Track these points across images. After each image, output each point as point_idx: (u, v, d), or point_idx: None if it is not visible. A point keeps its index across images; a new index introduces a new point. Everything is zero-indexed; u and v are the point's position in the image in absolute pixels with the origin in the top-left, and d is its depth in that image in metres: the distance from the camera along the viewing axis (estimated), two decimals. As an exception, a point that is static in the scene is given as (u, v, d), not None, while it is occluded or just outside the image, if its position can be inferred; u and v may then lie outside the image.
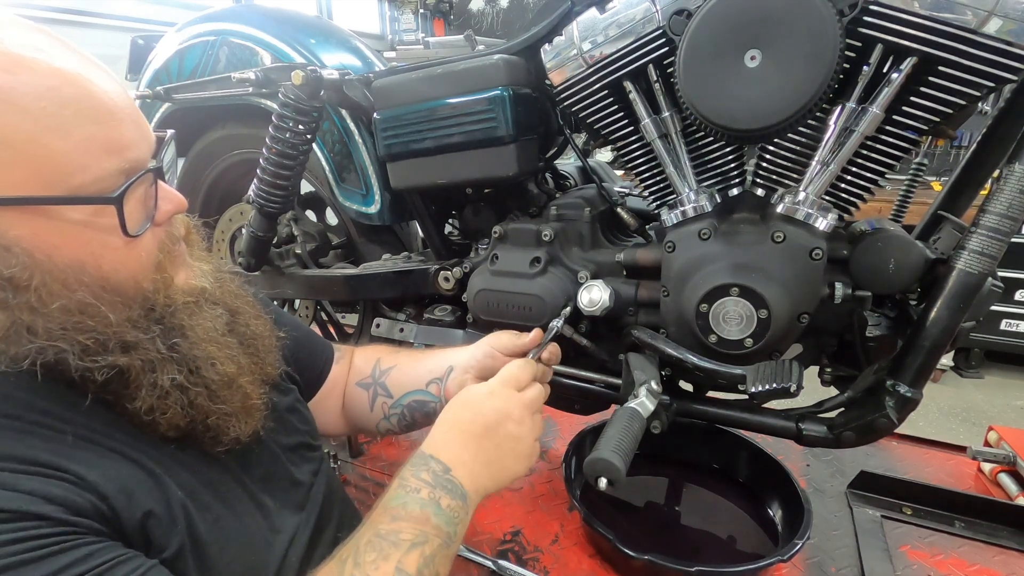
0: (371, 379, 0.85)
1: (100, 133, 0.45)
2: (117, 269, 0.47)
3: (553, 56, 0.83)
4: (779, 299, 0.73)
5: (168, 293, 0.51)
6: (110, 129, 0.45)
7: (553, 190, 1.07)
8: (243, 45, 1.11)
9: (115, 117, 0.46)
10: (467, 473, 0.58)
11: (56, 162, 0.43)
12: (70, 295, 0.44)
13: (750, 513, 0.97)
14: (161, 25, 1.77)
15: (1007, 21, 0.59)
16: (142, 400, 0.47)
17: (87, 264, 0.45)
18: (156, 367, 0.48)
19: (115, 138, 0.46)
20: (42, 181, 0.42)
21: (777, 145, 0.76)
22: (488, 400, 0.63)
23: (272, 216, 1.06)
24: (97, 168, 0.44)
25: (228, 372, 0.54)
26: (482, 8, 4.64)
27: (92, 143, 0.44)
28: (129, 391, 0.47)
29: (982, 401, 2.87)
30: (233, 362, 0.55)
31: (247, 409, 0.55)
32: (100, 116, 0.45)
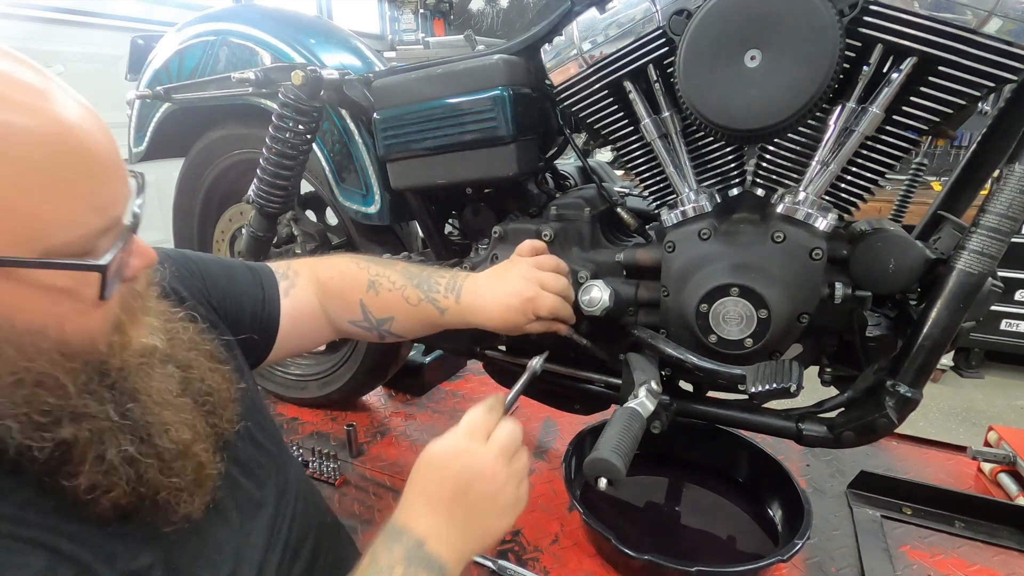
0: (371, 325, 0.80)
1: (88, 190, 0.39)
2: (78, 331, 0.42)
3: (553, 56, 0.83)
4: (779, 299, 0.73)
5: (123, 356, 0.46)
6: (98, 187, 0.40)
7: (553, 190, 1.07)
8: (243, 45, 1.11)
9: (106, 172, 0.41)
10: (444, 544, 0.53)
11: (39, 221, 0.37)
12: (28, 364, 0.39)
13: (750, 513, 0.97)
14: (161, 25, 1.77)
15: (1007, 21, 0.59)
16: (84, 477, 0.40)
17: (49, 328, 0.40)
18: (105, 438, 0.42)
19: (103, 194, 0.41)
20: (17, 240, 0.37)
21: (777, 145, 0.76)
22: (454, 460, 0.55)
23: (272, 216, 1.06)
24: (81, 227, 0.39)
25: (183, 439, 0.48)
26: (482, 8, 4.64)
27: (79, 201, 0.39)
28: (69, 467, 0.40)
29: (982, 401, 2.87)
30: (188, 427, 0.49)
31: (200, 480, 0.50)
32: (94, 173, 0.40)
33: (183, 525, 0.48)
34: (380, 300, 0.80)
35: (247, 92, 1.04)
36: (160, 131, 1.26)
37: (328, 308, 0.81)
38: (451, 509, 0.54)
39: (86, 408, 0.42)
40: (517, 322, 0.76)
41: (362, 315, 0.81)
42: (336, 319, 0.81)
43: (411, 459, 1.15)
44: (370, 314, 0.81)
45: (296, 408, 1.41)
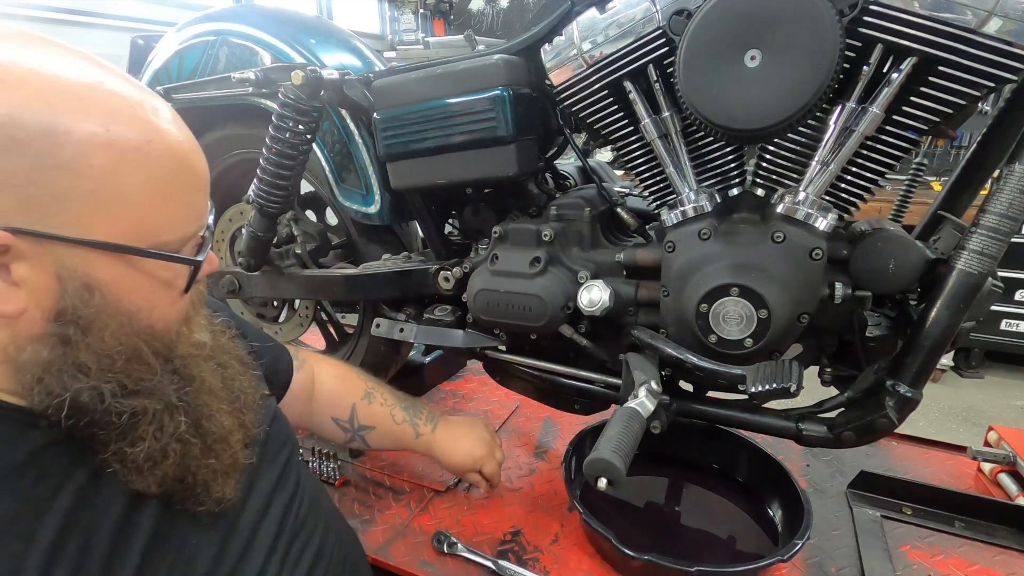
0: (350, 427, 0.94)
1: (194, 203, 0.50)
2: (162, 319, 0.50)
3: (553, 56, 0.83)
4: (779, 299, 0.73)
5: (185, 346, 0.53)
6: (197, 200, 0.51)
7: (553, 190, 1.07)
8: (243, 45, 1.11)
9: (203, 188, 0.52)
10: None
11: (157, 220, 0.47)
12: (126, 340, 0.46)
13: (750, 513, 0.97)
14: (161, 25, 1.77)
15: (1007, 21, 0.59)
16: (145, 446, 0.47)
17: (142, 312, 0.48)
18: (166, 415, 0.49)
19: (198, 207, 0.51)
20: (139, 234, 0.46)
21: (777, 145, 0.76)
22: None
23: (272, 216, 1.06)
24: (181, 231, 0.49)
25: (224, 426, 0.55)
26: (482, 8, 4.64)
27: (185, 210, 0.49)
28: (134, 435, 0.47)
29: (982, 401, 2.87)
30: (228, 416, 0.56)
31: (234, 466, 0.55)
32: (197, 188, 0.50)
33: (213, 508, 0.53)
34: (370, 409, 0.95)
35: (247, 92, 1.04)
36: (160, 131, 1.26)
37: (317, 399, 0.93)
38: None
39: (159, 385, 0.49)
40: (467, 468, 0.97)
41: (348, 416, 0.94)
42: (318, 412, 0.93)
43: (411, 459, 1.15)
44: (356, 418, 0.94)
45: (296, 408, 1.40)
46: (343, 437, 0.96)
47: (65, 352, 0.44)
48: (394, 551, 0.93)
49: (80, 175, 0.42)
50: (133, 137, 0.44)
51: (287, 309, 1.35)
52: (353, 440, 0.96)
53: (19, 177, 0.40)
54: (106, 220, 0.44)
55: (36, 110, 0.40)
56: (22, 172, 0.40)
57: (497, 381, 1.11)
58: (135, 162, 0.44)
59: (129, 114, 0.45)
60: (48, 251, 0.42)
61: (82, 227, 0.43)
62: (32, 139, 0.40)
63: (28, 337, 0.43)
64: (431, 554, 0.92)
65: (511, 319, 0.91)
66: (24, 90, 0.40)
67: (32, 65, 0.41)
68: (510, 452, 1.19)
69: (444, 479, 1.09)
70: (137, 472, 0.47)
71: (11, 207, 0.40)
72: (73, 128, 0.41)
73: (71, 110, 0.41)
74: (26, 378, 0.44)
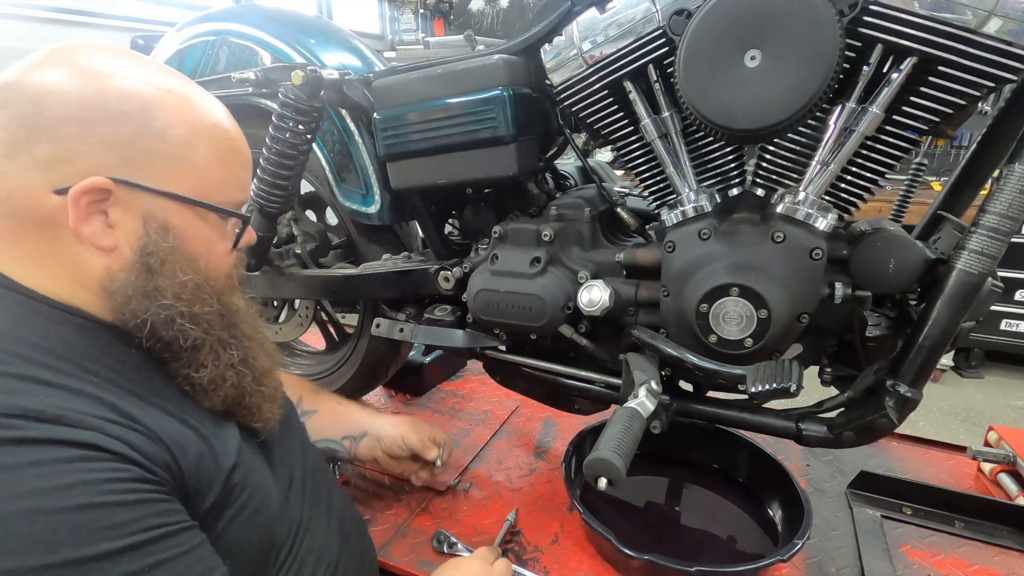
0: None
1: (241, 173, 0.63)
2: (215, 267, 0.61)
3: (553, 56, 0.83)
4: (779, 299, 0.73)
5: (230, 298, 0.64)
6: (245, 172, 0.64)
7: (553, 190, 1.07)
8: (243, 45, 1.11)
9: (249, 167, 0.65)
10: None
11: (215, 183, 0.59)
12: (192, 275, 0.57)
13: (750, 513, 0.97)
14: (161, 25, 1.77)
15: (1007, 21, 0.59)
16: (209, 371, 0.58)
17: (202, 257, 0.59)
18: (222, 347, 0.59)
19: (244, 178, 0.64)
20: (203, 192, 0.58)
21: (777, 145, 0.76)
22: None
23: (272, 216, 1.06)
24: (233, 195, 0.62)
25: (264, 364, 0.66)
26: (482, 8, 4.64)
27: (235, 179, 0.62)
28: (200, 360, 0.57)
29: (982, 401, 2.87)
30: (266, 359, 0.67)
31: (276, 397, 0.67)
32: (245, 162, 0.64)
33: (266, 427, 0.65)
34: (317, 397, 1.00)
35: (247, 92, 1.04)
36: (160, 131, 1.26)
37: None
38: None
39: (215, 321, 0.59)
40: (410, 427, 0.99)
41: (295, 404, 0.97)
42: None
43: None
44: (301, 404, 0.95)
45: (296, 408, 1.40)
46: None
47: (148, 278, 0.55)
48: (394, 551, 0.93)
49: (165, 142, 0.55)
50: (202, 120, 0.58)
51: (287, 309, 1.35)
52: None
53: (123, 139, 0.52)
54: (181, 178, 0.56)
55: (137, 93, 0.54)
56: (125, 136, 0.52)
57: (497, 381, 1.11)
58: (204, 137, 0.58)
59: (199, 104, 0.59)
60: (137, 199, 0.54)
61: (164, 182, 0.55)
62: (134, 112, 0.53)
63: (120, 267, 0.54)
64: (431, 554, 0.92)
65: (511, 319, 0.91)
66: (127, 79, 0.54)
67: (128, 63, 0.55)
68: (510, 452, 1.19)
69: (444, 479, 1.09)
70: (203, 393, 0.58)
71: (115, 162, 0.52)
72: (162, 108, 0.55)
73: (160, 96, 0.55)
74: (118, 300, 0.54)
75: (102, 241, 0.53)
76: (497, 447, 1.21)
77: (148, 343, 0.55)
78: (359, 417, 0.99)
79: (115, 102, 0.52)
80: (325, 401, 1.00)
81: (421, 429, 0.99)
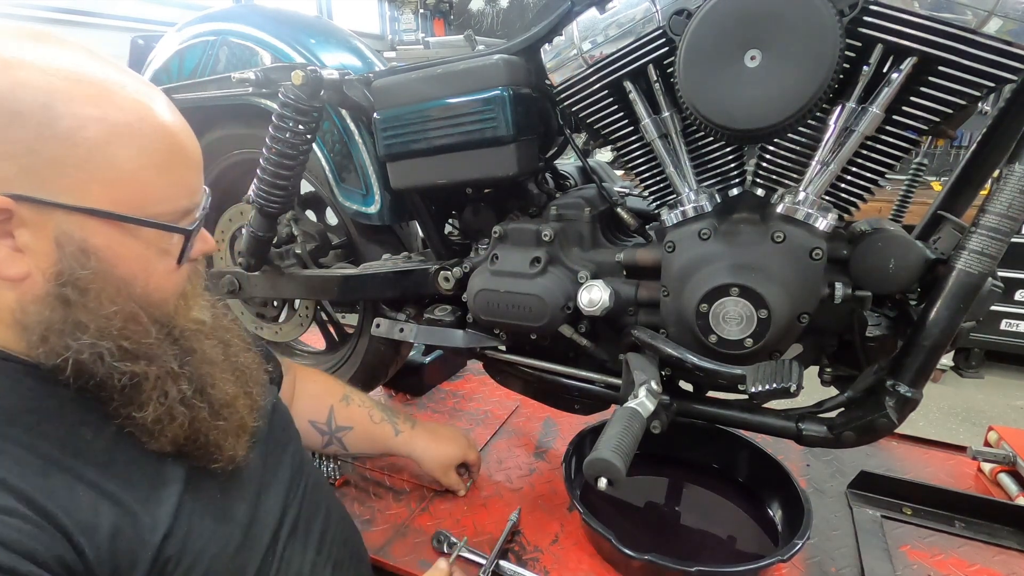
0: (327, 429, 0.97)
1: (184, 177, 0.54)
2: (158, 289, 0.53)
3: (553, 56, 0.83)
4: (779, 299, 0.73)
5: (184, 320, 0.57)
6: (190, 176, 0.55)
7: (553, 190, 1.07)
8: (243, 45, 1.11)
9: (196, 167, 0.55)
10: None
11: (148, 192, 0.50)
12: (122, 304, 0.49)
13: (750, 513, 0.97)
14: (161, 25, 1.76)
15: (1007, 21, 0.59)
16: (152, 409, 0.50)
17: (138, 279, 0.51)
18: (168, 380, 0.52)
19: (191, 183, 0.55)
20: (131, 204, 0.49)
21: (777, 145, 0.76)
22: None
23: (272, 216, 1.06)
24: (174, 204, 0.52)
25: (228, 393, 0.58)
26: (482, 8, 4.64)
27: (178, 185, 0.53)
28: (141, 399, 0.50)
29: (982, 401, 2.87)
30: (232, 385, 0.60)
31: (243, 429, 0.59)
32: (188, 166, 0.54)
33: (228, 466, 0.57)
34: (348, 411, 0.97)
35: (247, 92, 1.04)
36: (160, 131, 1.26)
37: (296, 405, 0.93)
38: None
39: (159, 351, 0.52)
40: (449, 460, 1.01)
41: (326, 418, 0.96)
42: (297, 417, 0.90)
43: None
44: (334, 419, 0.96)
45: (296, 408, 1.41)
46: (320, 441, 0.97)
47: (65, 312, 0.47)
48: (394, 551, 0.93)
49: (75, 145, 0.45)
50: (124, 115, 0.48)
51: (287, 309, 1.35)
52: (330, 443, 0.97)
53: (20, 147, 0.44)
54: (100, 189, 0.47)
55: (35, 87, 0.44)
56: (23, 142, 0.44)
57: (497, 381, 1.11)
58: (126, 136, 0.48)
59: (121, 95, 0.49)
60: (48, 217, 0.46)
61: (78, 195, 0.46)
62: (31, 112, 0.44)
63: (32, 299, 0.47)
64: (431, 554, 0.92)
65: (511, 319, 0.91)
66: (24, 69, 0.44)
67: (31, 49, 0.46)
68: (510, 452, 1.19)
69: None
70: (148, 434, 0.51)
71: (14, 175, 0.44)
72: (68, 103, 0.45)
73: (67, 88, 0.46)
74: (32, 338, 0.47)
75: (8, 270, 0.45)
76: (497, 447, 1.21)
77: (77, 383, 0.48)
78: (395, 445, 1.00)
79: (8, 100, 0.43)
80: (357, 415, 0.98)
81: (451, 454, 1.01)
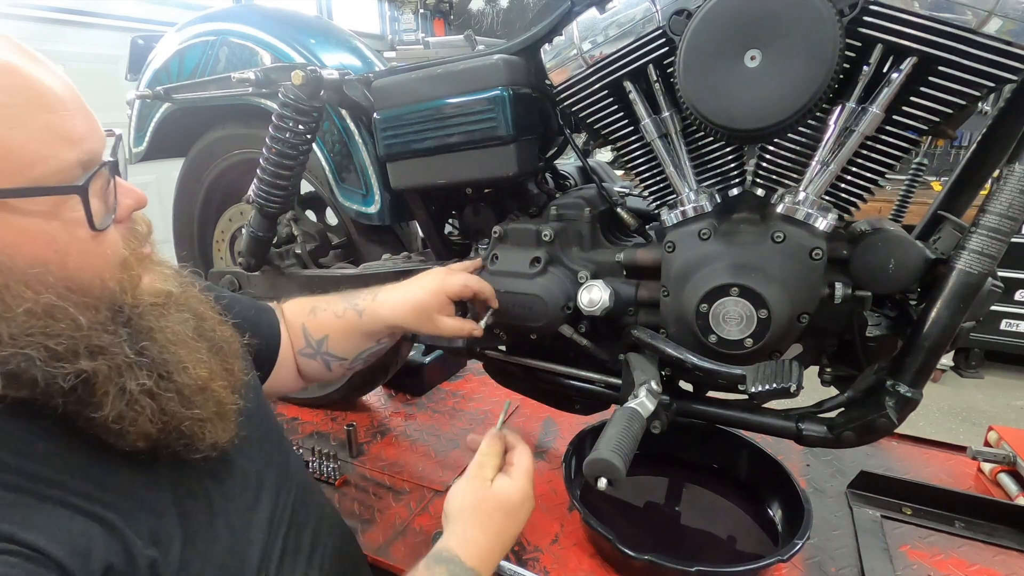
0: (312, 350, 0.85)
1: (54, 122, 0.43)
2: (82, 267, 0.45)
3: (553, 56, 0.83)
4: (779, 299, 0.73)
5: (135, 294, 0.49)
6: (63, 119, 0.43)
7: (553, 190, 1.07)
8: (243, 45, 1.11)
9: (65, 107, 0.44)
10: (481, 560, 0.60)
11: (12, 153, 0.40)
12: (36, 298, 0.42)
13: (750, 513, 0.97)
14: (161, 25, 1.77)
15: (1007, 21, 0.59)
16: (110, 407, 0.44)
17: (51, 263, 0.43)
18: (124, 372, 0.45)
19: (69, 128, 0.44)
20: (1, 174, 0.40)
21: (777, 145, 0.76)
22: (504, 498, 0.65)
23: (272, 216, 1.06)
24: (56, 159, 0.43)
25: (200, 376, 0.52)
26: (482, 8, 4.64)
27: (48, 133, 0.42)
28: (96, 399, 0.44)
29: (982, 401, 2.87)
30: (205, 366, 0.53)
31: (222, 414, 0.53)
32: (51, 105, 0.43)
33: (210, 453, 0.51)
34: (317, 320, 0.85)
35: (247, 92, 1.04)
36: (160, 131, 1.26)
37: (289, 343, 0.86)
38: (498, 536, 0.63)
39: (101, 341, 0.45)
40: (428, 305, 0.80)
41: (304, 341, 0.85)
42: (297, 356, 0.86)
43: (411, 459, 1.15)
44: (310, 337, 0.85)
45: (296, 408, 1.41)
46: (319, 367, 0.86)
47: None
48: (394, 551, 0.93)
49: None
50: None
51: (287, 309, 1.35)
52: (328, 363, 0.85)
53: None
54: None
55: None
56: None
57: (497, 381, 1.11)
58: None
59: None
60: None
61: None
62: None
63: None
64: (431, 554, 0.92)
65: (511, 319, 0.91)
66: None
67: None
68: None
69: (444, 479, 1.09)
70: (114, 436, 0.45)
71: None
72: None
73: None
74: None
75: None
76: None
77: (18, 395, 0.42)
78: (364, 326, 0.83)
79: None
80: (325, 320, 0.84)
81: (420, 297, 0.81)
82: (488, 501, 0.64)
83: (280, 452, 0.68)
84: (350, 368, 0.89)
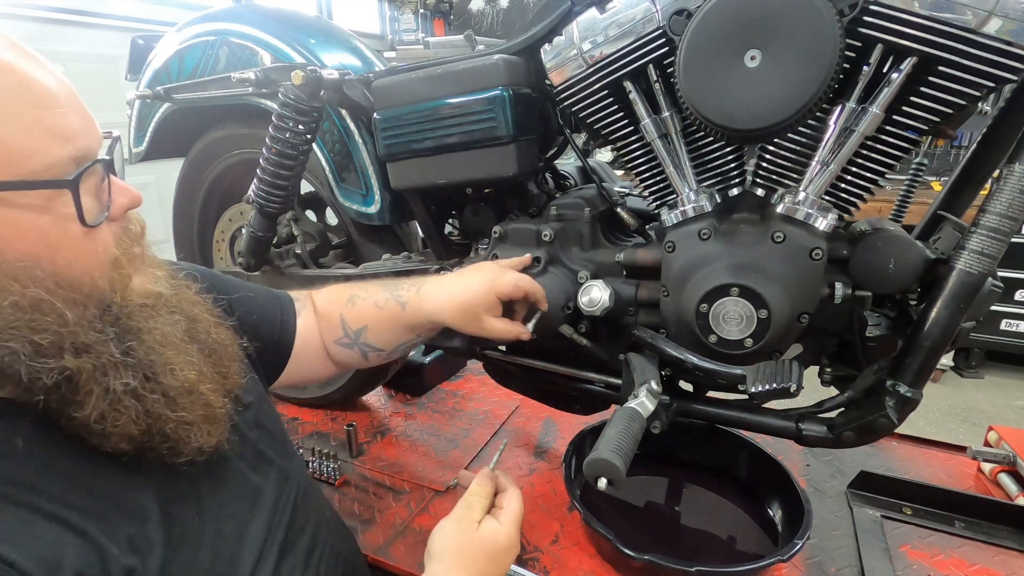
0: (350, 340, 0.82)
1: (46, 118, 0.43)
2: (72, 263, 0.45)
3: (553, 56, 0.83)
4: (779, 299, 0.73)
5: (124, 293, 0.49)
6: (56, 116, 0.44)
7: (553, 190, 1.07)
8: (243, 45, 1.11)
9: (59, 104, 0.44)
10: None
11: (3, 147, 0.41)
12: (23, 291, 0.41)
13: (750, 513, 0.97)
14: (161, 25, 1.77)
15: (1007, 21, 0.59)
16: (92, 407, 0.44)
17: (41, 257, 0.43)
18: (108, 371, 0.45)
19: (62, 124, 0.44)
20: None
21: (777, 145, 0.76)
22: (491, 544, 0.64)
23: (272, 216, 1.06)
24: (47, 154, 0.43)
25: (188, 378, 0.51)
26: (482, 8, 4.64)
27: (39, 128, 0.42)
28: (79, 398, 0.44)
29: (982, 401, 2.87)
30: (193, 368, 0.53)
31: (209, 418, 0.53)
32: (43, 102, 0.43)
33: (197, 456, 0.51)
34: (356, 311, 0.82)
35: (247, 92, 1.04)
36: (160, 131, 1.26)
37: (322, 333, 0.84)
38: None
39: (87, 339, 0.45)
40: (476, 304, 0.75)
41: (342, 331, 0.82)
42: (328, 344, 0.84)
43: (411, 459, 1.15)
44: (348, 327, 0.82)
45: (296, 408, 1.41)
46: (355, 356, 0.83)
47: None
48: (394, 551, 0.93)
49: None
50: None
51: (287, 309, 1.34)
52: (365, 353, 0.83)
53: None
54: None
55: None
56: None
57: (497, 381, 1.11)
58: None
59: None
60: None
61: None
62: None
63: None
64: (431, 554, 0.92)
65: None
66: None
67: None
68: (510, 452, 1.19)
69: (444, 479, 1.09)
70: (97, 436, 0.45)
71: None
72: None
73: None
74: None
75: None
76: (497, 447, 1.21)
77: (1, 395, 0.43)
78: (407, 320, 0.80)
79: None
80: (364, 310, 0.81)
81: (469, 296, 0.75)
82: (474, 544, 0.63)
83: (282, 455, 0.67)
84: (387, 358, 0.87)
